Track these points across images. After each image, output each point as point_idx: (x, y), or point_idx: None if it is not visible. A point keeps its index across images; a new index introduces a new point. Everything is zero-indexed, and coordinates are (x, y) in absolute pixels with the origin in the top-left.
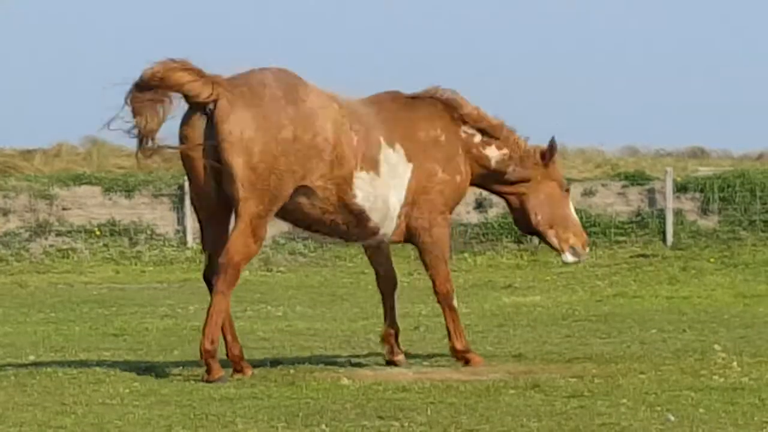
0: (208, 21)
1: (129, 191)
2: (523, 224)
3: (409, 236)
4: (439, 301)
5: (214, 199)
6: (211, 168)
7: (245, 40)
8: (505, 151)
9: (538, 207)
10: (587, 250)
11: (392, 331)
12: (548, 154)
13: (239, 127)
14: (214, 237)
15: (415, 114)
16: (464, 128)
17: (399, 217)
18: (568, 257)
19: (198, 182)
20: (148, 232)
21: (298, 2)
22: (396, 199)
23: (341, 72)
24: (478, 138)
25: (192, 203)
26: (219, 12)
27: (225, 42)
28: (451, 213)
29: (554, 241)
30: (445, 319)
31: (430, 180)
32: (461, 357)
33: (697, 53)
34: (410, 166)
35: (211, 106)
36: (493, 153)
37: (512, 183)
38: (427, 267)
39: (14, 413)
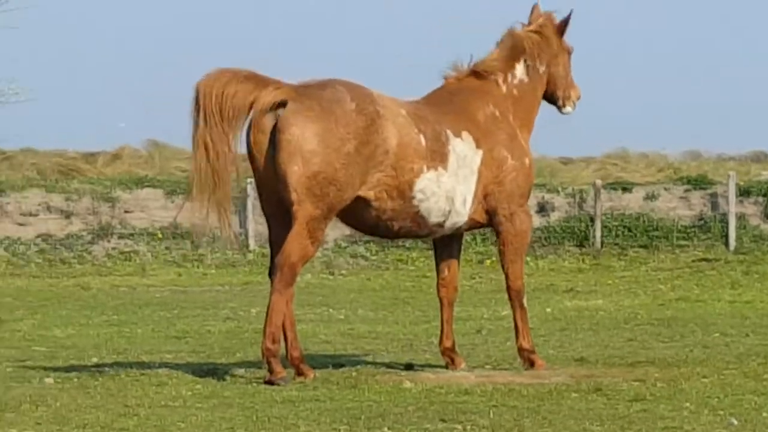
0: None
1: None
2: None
3: (488, 224)
4: (510, 298)
5: (277, 201)
6: (274, 171)
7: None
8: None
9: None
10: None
11: (449, 344)
12: (563, 26)
13: (299, 137)
14: (278, 238)
15: (466, 96)
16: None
17: (471, 205)
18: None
19: (263, 184)
20: (210, 235)
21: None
22: (465, 188)
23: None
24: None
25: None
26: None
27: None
28: (527, 200)
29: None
30: (514, 317)
31: (501, 167)
32: (527, 357)
33: (761, 56)
34: (480, 152)
35: (279, 111)
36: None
37: None
38: (503, 260)
39: (77, 415)
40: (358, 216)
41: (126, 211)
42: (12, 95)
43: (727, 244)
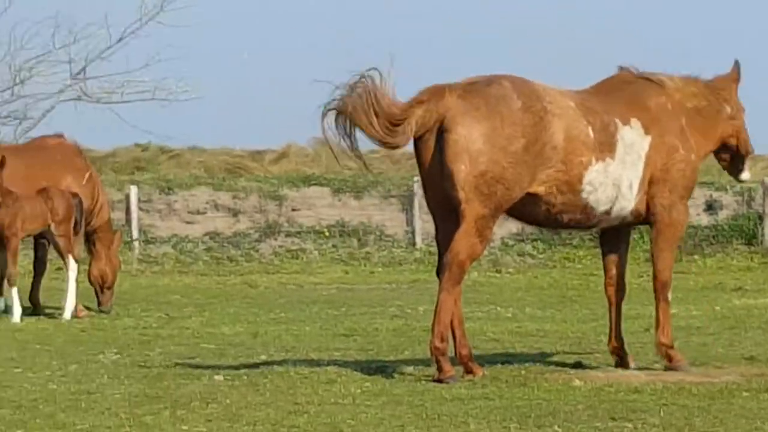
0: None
1: (358, 192)
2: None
3: (647, 215)
4: (655, 289)
5: (444, 200)
6: (441, 169)
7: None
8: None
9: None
10: None
11: (617, 345)
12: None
13: (466, 137)
14: (445, 236)
15: (641, 85)
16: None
17: (637, 192)
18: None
19: (429, 183)
20: (377, 233)
21: None
22: (632, 174)
23: None
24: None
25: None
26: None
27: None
28: (688, 196)
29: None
30: (656, 310)
31: (671, 156)
32: (665, 351)
33: None
34: (648, 138)
35: (444, 112)
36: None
37: None
38: (653, 249)
39: (248, 412)
40: (528, 211)
41: (293, 209)
42: (180, 93)
43: None
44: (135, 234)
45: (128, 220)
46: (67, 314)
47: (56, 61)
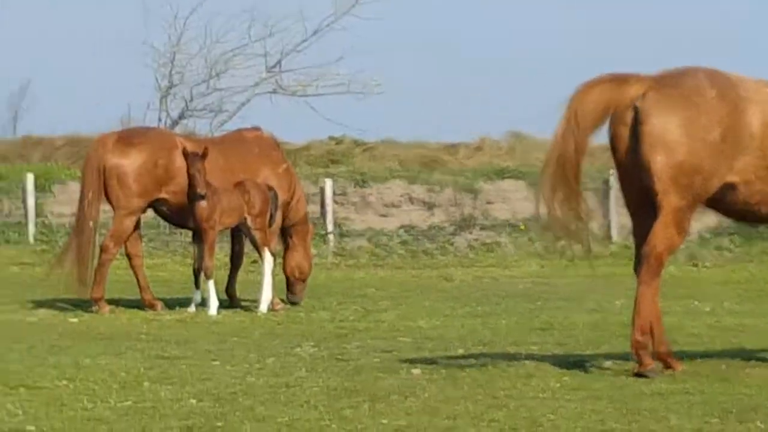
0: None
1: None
2: None
3: None
4: None
5: (640, 193)
6: (636, 163)
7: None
8: None
9: None
10: None
11: None
12: None
13: (662, 128)
14: (642, 229)
15: None
16: None
17: None
18: None
19: (626, 176)
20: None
21: None
22: None
23: None
24: None
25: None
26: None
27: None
28: None
29: None
30: None
31: None
32: None
33: None
34: None
35: (637, 103)
36: None
37: None
38: None
39: (446, 406)
40: (726, 201)
41: (488, 203)
42: (375, 86)
43: None
44: (330, 227)
45: (323, 214)
46: (263, 307)
47: (252, 55)
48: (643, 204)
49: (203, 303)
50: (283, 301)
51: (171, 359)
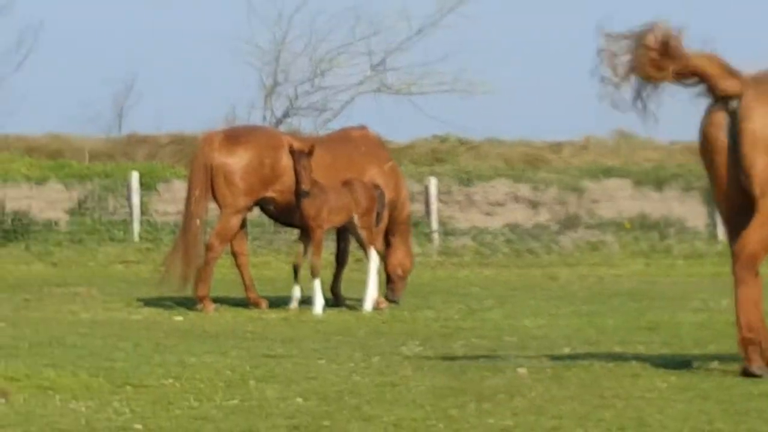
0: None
1: (659, 184)
2: None
3: None
4: None
5: (735, 193)
6: (732, 163)
7: None
8: None
9: None
10: None
11: None
12: None
13: (762, 127)
14: (734, 228)
15: None
16: None
17: None
18: None
19: (717, 176)
20: (678, 225)
21: None
22: None
23: None
24: None
25: (714, 199)
26: None
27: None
28: None
29: None
30: None
31: None
32: None
33: None
34: None
35: (734, 103)
36: None
37: None
38: None
39: (553, 406)
40: None
41: (593, 201)
42: (479, 85)
43: None
44: (434, 226)
45: (428, 212)
46: (368, 306)
47: (356, 53)
48: (735, 203)
49: (305, 300)
50: (387, 299)
51: (277, 358)
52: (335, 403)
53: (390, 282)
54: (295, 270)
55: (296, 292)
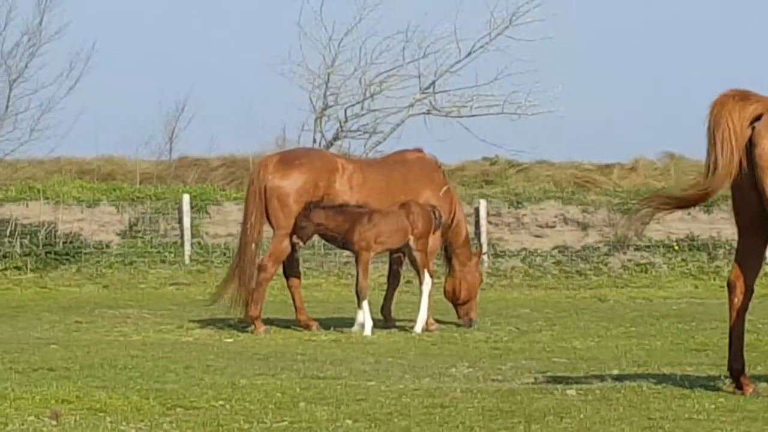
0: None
1: (708, 206)
2: None
3: None
4: None
5: (754, 211)
6: (751, 184)
7: None
8: None
9: None
10: None
11: None
12: None
13: None
14: (745, 248)
15: None
16: None
17: None
18: None
19: (739, 196)
20: (727, 247)
21: None
22: None
23: None
24: None
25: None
26: None
27: None
28: None
29: None
30: None
31: None
32: None
33: None
34: None
35: (755, 124)
36: None
37: None
38: None
39: (602, 427)
40: None
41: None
42: (529, 107)
43: None
44: (484, 247)
45: (477, 234)
46: (418, 327)
47: (406, 76)
48: (753, 225)
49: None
50: (438, 321)
51: (327, 379)
52: (384, 424)
53: (454, 308)
54: (358, 294)
55: (359, 316)
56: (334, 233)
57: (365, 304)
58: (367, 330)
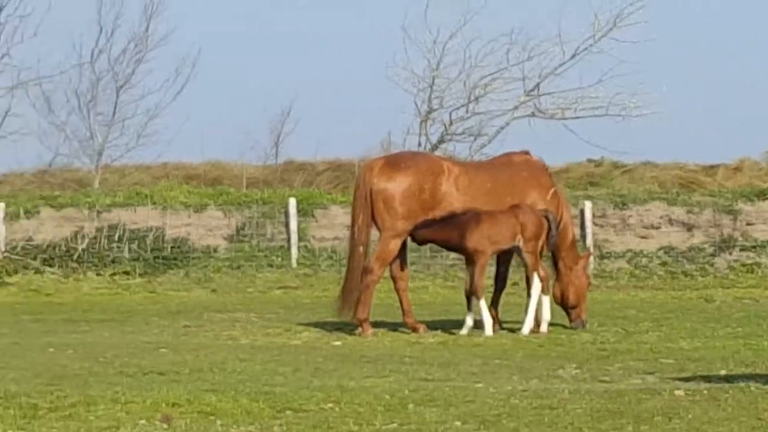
0: None
1: None
2: None
3: None
4: None
5: None
6: None
7: None
8: None
9: None
10: None
11: None
12: None
13: None
14: None
15: None
16: None
17: None
18: None
19: None
20: None
21: None
22: None
23: None
24: None
25: None
26: None
27: None
28: None
29: None
30: None
31: None
32: None
33: None
34: None
35: None
36: None
37: None
38: None
39: (710, 428)
40: None
41: (748, 224)
42: (633, 108)
43: None
44: (590, 249)
45: (583, 236)
46: (525, 329)
47: (510, 78)
48: None
49: (476, 325)
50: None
51: (435, 381)
52: (493, 426)
53: (565, 311)
54: (467, 297)
55: (469, 319)
56: (445, 245)
57: (482, 303)
58: (488, 330)
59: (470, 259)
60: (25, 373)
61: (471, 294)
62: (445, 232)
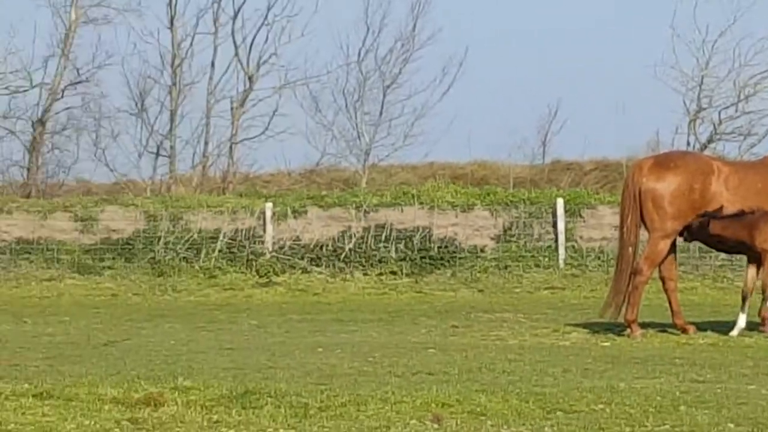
0: None
1: None
2: None
3: None
4: None
5: None
6: None
7: None
8: None
9: None
10: None
11: None
12: None
13: None
14: None
15: None
16: None
17: None
18: None
19: None
20: None
21: None
22: None
23: None
24: None
25: None
26: None
27: None
28: None
29: None
30: None
31: None
32: None
33: None
34: None
35: None
36: None
37: None
38: None
39: None
40: None
41: None
42: None
43: None
44: None
45: None
46: None
47: None
48: None
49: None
50: None
51: (706, 383)
52: (767, 428)
53: None
54: (744, 298)
55: (740, 321)
56: (731, 242)
57: None
58: None
59: (755, 258)
60: (294, 372)
61: (747, 295)
62: (733, 229)
